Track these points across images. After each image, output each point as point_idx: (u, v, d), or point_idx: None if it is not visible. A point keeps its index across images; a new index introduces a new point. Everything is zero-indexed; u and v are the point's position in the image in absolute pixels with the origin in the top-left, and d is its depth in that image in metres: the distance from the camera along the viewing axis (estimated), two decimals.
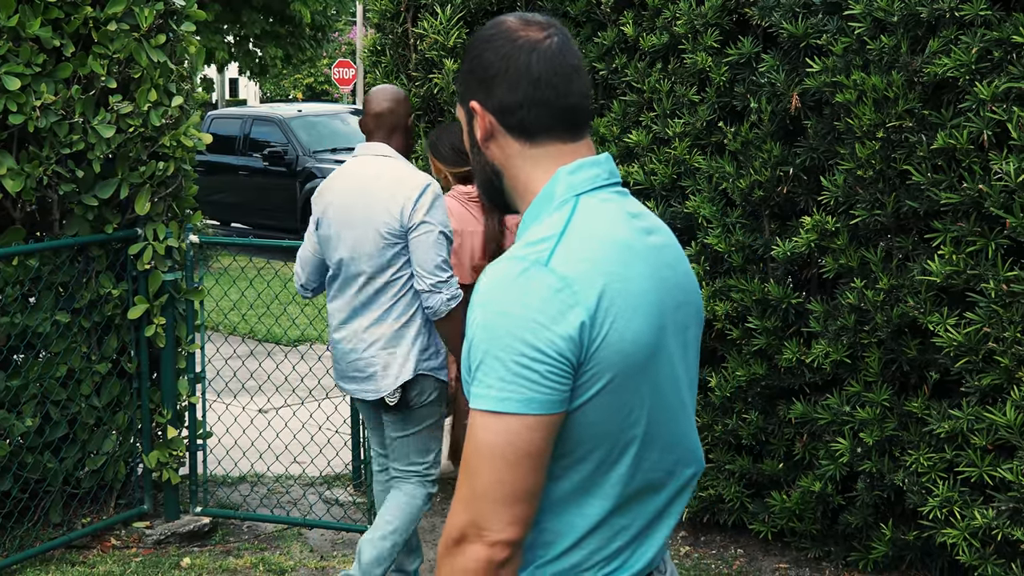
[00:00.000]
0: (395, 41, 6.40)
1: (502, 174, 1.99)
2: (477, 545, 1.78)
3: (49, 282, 5.45)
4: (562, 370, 1.77)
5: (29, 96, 5.19)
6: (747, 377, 5.24)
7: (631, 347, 1.82)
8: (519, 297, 1.78)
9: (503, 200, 2.03)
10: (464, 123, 2.04)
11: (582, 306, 1.78)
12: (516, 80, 1.94)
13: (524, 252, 1.83)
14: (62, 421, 5.54)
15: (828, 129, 4.90)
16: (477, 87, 1.97)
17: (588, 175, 1.94)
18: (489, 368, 1.77)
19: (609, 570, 1.91)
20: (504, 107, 1.95)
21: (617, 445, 1.86)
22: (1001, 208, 4.35)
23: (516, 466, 1.77)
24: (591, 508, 1.88)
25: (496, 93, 1.95)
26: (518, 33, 1.96)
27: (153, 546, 5.65)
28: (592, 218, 1.89)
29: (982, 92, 4.32)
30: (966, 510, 4.60)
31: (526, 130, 1.95)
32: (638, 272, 1.87)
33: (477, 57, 1.97)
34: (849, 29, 4.71)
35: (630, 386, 1.84)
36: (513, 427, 1.76)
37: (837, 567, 5.25)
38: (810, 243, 4.92)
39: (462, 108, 2.04)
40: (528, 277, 1.79)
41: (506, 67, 1.94)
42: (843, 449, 4.93)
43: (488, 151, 1.99)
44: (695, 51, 5.26)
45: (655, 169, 5.44)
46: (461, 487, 1.81)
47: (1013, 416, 4.37)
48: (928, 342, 4.68)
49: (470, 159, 2.06)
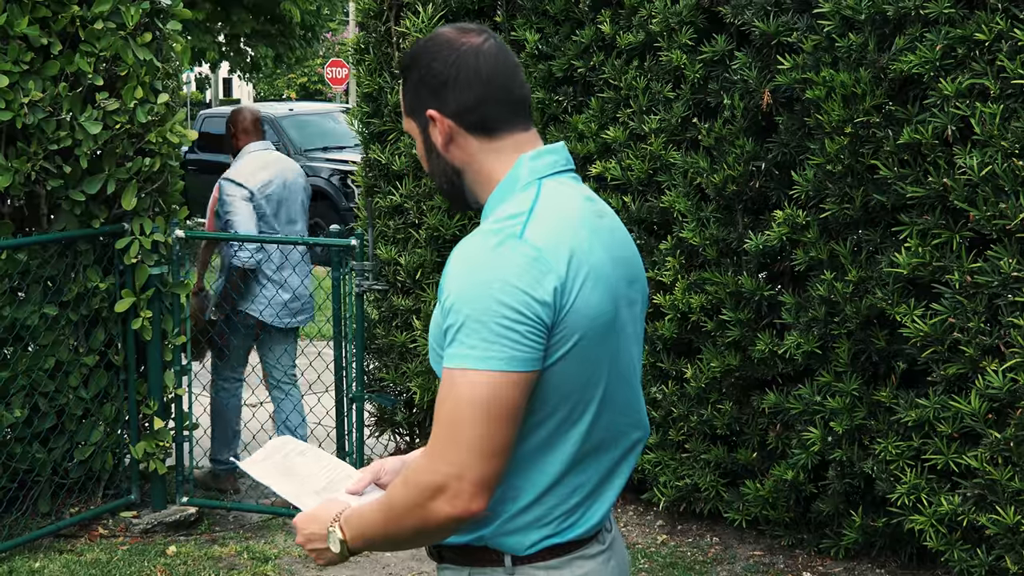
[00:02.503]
0: (378, 39, 6.50)
1: (463, 172, 2.13)
2: (456, 497, 1.92)
3: (37, 276, 5.55)
4: (539, 331, 1.94)
5: (17, 93, 5.29)
6: (721, 368, 5.34)
7: (595, 312, 2.01)
8: (498, 266, 1.94)
9: (463, 197, 2.18)
10: (417, 133, 2.17)
11: (554, 273, 1.96)
12: (468, 82, 2.09)
13: (497, 227, 2.00)
14: (50, 412, 5.64)
15: (799, 125, 5.01)
16: (430, 96, 2.11)
17: (548, 161, 2.11)
18: (471, 330, 1.92)
19: (568, 524, 2.07)
20: (461, 109, 2.09)
21: (579, 404, 2.03)
22: (965, 201, 4.46)
23: (498, 420, 1.92)
24: (552, 465, 2.04)
25: (451, 98, 2.09)
26: (460, 40, 2.11)
27: (140, 535, 5.76)
28: (555, 199, 2.06)
29: (946, 88, 4.43)
30: (933, 497, 4.71)
31: (486, 127, 2.10)
32: (597, 248, 2.05)
33: (426, 68, 2.11)
34: (819, 27, 4.82)
35: (593, 350, 2.01)
36: (497, 383, 1.92)
37: (810, 554, 5.36)
38: (782, 237, 5.03)
39: (413, 120, 2.17)
40: (505, 248, 1.96)
41: (456, 73, 2.09)
42: (814, 438, 5.04)
43: (449, 154, 2.13)
44: (670, 49, 5.37)
45: (632, 165, 5.55)
46: (439, 441, 1.94)
47: (978, 404, 4.48)
48: (896, 333, 4.79)
49: (426, 166, 2.19)
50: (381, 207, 6.47)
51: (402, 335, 6.43)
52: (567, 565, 2.08)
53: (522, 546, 2.06)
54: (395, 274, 6.43)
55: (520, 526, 2.06)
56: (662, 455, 5.65)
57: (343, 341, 5.90)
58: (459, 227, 6.18)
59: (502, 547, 2.07)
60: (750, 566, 5.31)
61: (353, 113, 6.88)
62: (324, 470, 2.34)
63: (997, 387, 4.41)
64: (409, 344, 6.41)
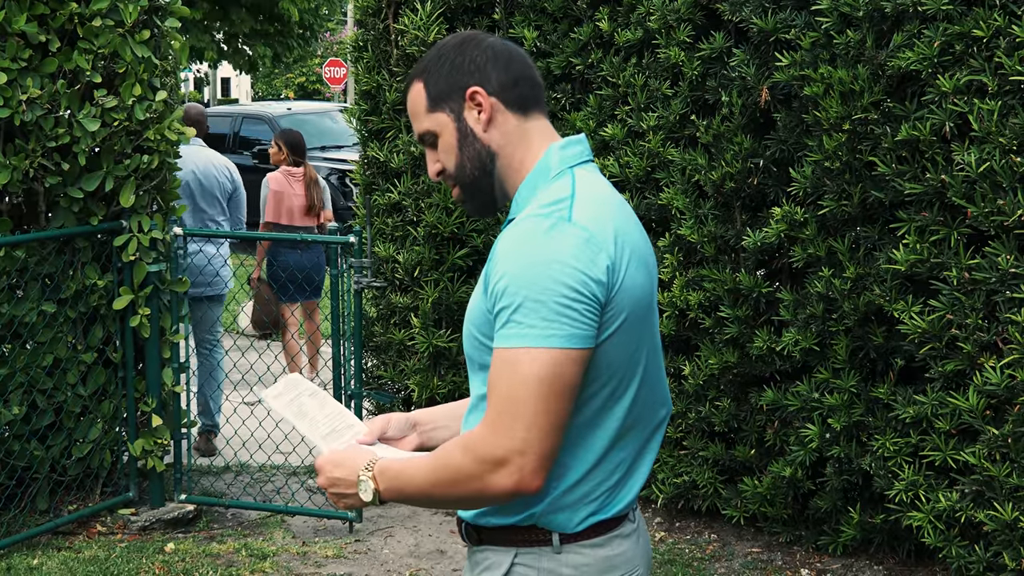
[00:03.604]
0: (377, 37, 6.50)
1: (496, 156, 2.19)
2: (519, 472, 1.98)
3: (35, 273, 5.55)
4: (595, 308, 2.01)
5: (15, 90, 5.29)
6: (719, 365, 5.35)
7: (639, 291, 2.08)
8: (553, 247, 2.01)
9: (490, 190, 2.22)
10: (448, 123, 2.20)
11: (606, 252, 2.03)
12: (506, 61, 2.20)
13: (546, 211, 2.06)
14: (48, 409, 5.64)
15: (797, 122, 5.01)
16: (471, 77, 2.18)
17: (576, 151, 2.20)
18: (529, 310, 1.98)
19: (610, 501, 2.13)
20: (503, 85, 2.18)
21: (624, 381, 2.09)
22: (963, 198, 4.46)
23: (559, 397, 1.99)
24: (598, 441, 2.10)
25: (493, 75, 2.18)
26: (479, 36, 2.23)
27: (138, 532, 5.76)
28: (589, 185, 2.14)
29: (944, 85, 4.44)
30: (931, 493, 4.71)
31: (523, 103, 2.20)
32: (633, 230, 2.14)
33: (459, 57, 2.19)
34: (817, 24, 4.82)
35: (637, 326, 2.09)
36: (560, 360, 1.98)
37: (808, 551, 5.36)
38: (780, 233, 5.03)
39: (441, 110, 2.20)
40: (557, 231, 2.02)
41: (493, 54, 2.20)
42: (812, 435, 5.04)
43: (487, 135, 2.18)
44: (668, 46, 5.37)
45: (630, 162, 5.55)
46: (502, 416, 1.99)
47: (975, 401, 4.49)
48: (894, 329, 4.80)
49: (454, 159, 2.21)
50: (379, 204, 6.47)
51: (400, 332, 6.43)
52: (608, 543, 2.14)
53: (571, 523, 2.11)
54: (393, 272, 6.43)
55: (569, 503, 2.11)
56: (660, 452, 5.66)
57: (341, 338, 5.90)
58: (457, 224, 6.18)
59: (551, 525, 2.11)
60: (748, 563, 5.32)
61: (351, 112, 6.88)
62: (327, 417, 2.38)
63: (995, 383, 4.42)
64: (407, 341, 6.41)
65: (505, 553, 2.14)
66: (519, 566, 2.13)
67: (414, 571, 5.32)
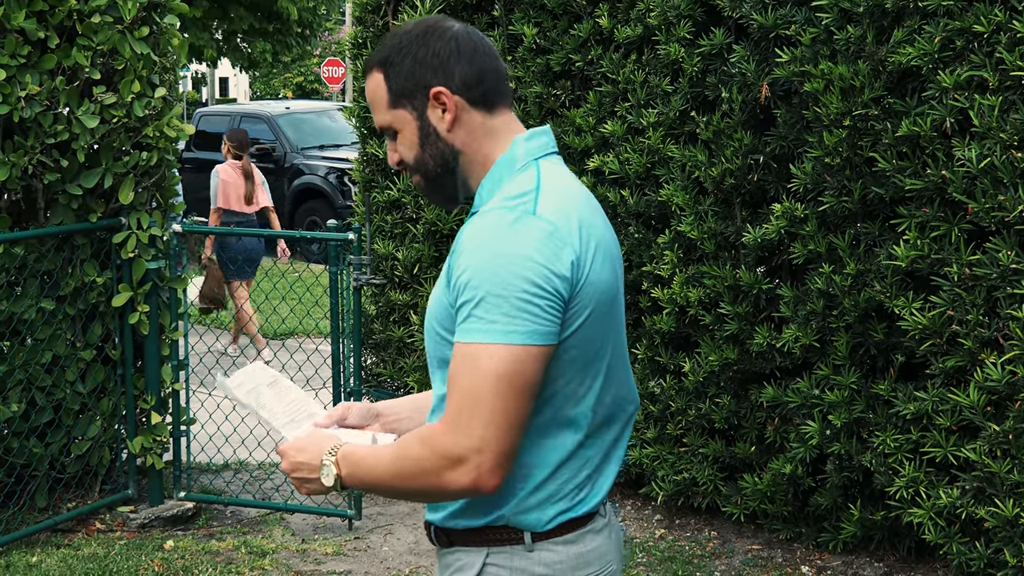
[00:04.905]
0: (376, 34, 6.49)
1: (460, 154, 2.13)
2: (476, 470, 1.94)
3: (34, 270, 5.54)
4: (558, 304, 1.97)
5: (14, 87, 5.28)
6: (720, 362, 5.34)
7: (605, 286, 2.05)
8: (516, 241, 1.96)
9: (452, 185, 2.16)
10: (410, 121, 2.13)
11: (571, 246, 1.99)
12: (471, 55, 2.11)
13: (510, 204, 2.01)
14: (47, 407, 5.63)
15: (797, 118, 5.01)
16: (434, 75, 2.10)
17: (540, 142, 2.14)
18: (491, 305, 1.93)
19: (580, 498, 2.10)
20: (468, 82, 2.10)
21: (587, 377, 2.06)
22: (963, 194, 4.46)
23: (520, 394, 1.95)
24: (565, 439, 2.07)
25: (457, 72, 2.10)
26: (443, 24, 2.14)
27: (137, 530, 5.75)
28: (554, 177, 2.10)
29: (945, 80, 4.43)
30: (931, 490, 4.70)
31: (487, 100, 2.12)
32: (599, 222, 2.10)
33: (422, 49, 2.10)
34: (817, 20, 4.82)
35: (602, 321, 2.06)
36: (521, 357, 1.94)
37: (808, 548, 5.36)
38: (780, 230, 5.02)
39: (404, 108, 2.13)
40: (522, 224, 1.97)
41: (457, 47, 2.11)
42: (813, 432, 5.03)
43: (451, 135, 2.12)
44: (668, 42, 5.36)
45: (630, 158, 5.54)
46: (460, 412, 1.94)
47: (976, 397, 4.48)
48: (894, 326, 4.79)
49: (414, 154, 2.15)
50: (379, 202, 6.47)
51: (399, 330, 6.42)
52: (580, 539, 2.11)
53: (541, 522, 2.08)
54: (392, 269, 6.42)
55: (537, 502, 2.07)
56: (660, 449, 5.65)
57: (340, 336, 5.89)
58: (456, 222, 6.18)
59: (521, 525, 2.08)
60: (748, 560, 5.31)
61: (350, 111, 6.87)
62: (288, 405, 2.37)
63: (996, 379, 4.41)
64: (407, 339, 6.40)
65: (476, 554, 2.11)
66: (491, 566, 2.09)
67: (414, 568, 5.31)
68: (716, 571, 5.21)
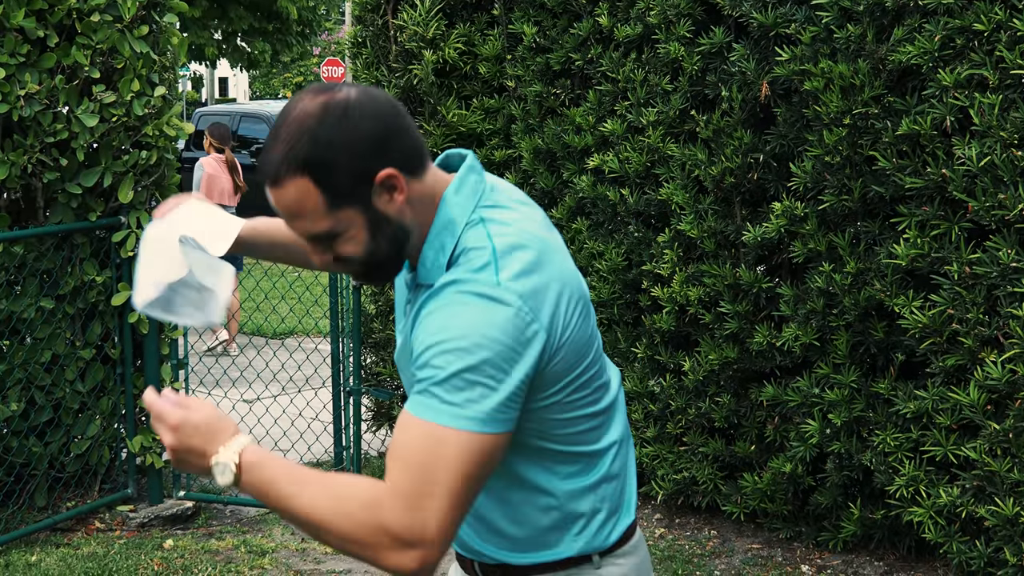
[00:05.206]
0: (375, 33, 6.49)
1: (409, 230, 1.94)
2: (421, 560, 1.80)
3: (34, 269, 5.54)
4: (524, 388, 1.86)
5: (13, 86, 5.28)
6: (719, 361, 5.34)
7: (582, 331, 1.97)
8: (481, 322, 1.83)
9: (398, 264, 1.98)
10: (356, 218, 1.89)
11: (539, 323, 1.86)
12: (395, 122, 1.89)
13: (470, 278, 1.86)
14: (47, 406, 5.62)
15: (797, 116, 5.00)
16: (376, 159, 1.86)
17: (471, 187, 1.97)
18: (453, 387, 1.80)
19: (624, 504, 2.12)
20: (405, 152, 1.90)
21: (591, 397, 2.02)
22: (964, 192, 4.45)
23: (480, 480, 1.84)
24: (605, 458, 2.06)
25: (395, 148, 1.88)
26: (341, 96, 1.88)
27: (136, 529, 5.75)
28: (505, 226, 1.94)
29: (945, 79, 4.43)
30: (931, 489, 4.70)
31: (420, 161, 1.93)
32: (567, 262, 2.00)
33: (348, 135, 1.85)
34: (817, 18, 4.81)
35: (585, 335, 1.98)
36: (488, 446, 1.82)
37: (808, 547, 5.35)
38: (780, 228, 5.02)
39: (349, 207, 1.87)
40: (485, 302, 1.84)
41: (383, 121, 1.88)
42: (813, 430, 5.03)
43: (401, 214, 1.92)
44: (668, 41, 5.36)
45: (629, 157, 5.54)
46: (421, 497, 1.79)
47: (976, 396, 4.48)
48: (894, 324, 4.79)
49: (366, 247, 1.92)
50: None
51: None
52: (636, 546, 2.13)
53: (607, 541, 2.07)
54: None
55: (600, 525, 2.06)
56: (660, 448, 5.64)
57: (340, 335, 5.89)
58: None
59: (592, 550, 2.07)
60: (748, 559, 5.31)
61: None
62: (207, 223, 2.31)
63: (996, 378, 4.41)
64: None
65: None
66: None
67: None
68: (716, 570, 5.21)
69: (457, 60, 6.17)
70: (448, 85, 6.26)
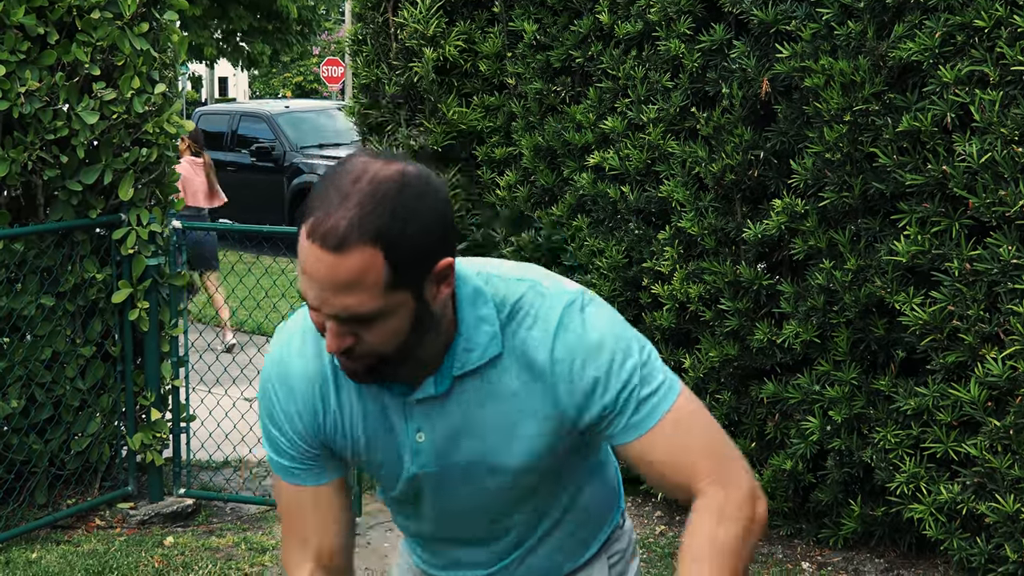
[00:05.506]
0: (376, 30, 6.49)
1: (436, 320, 1.77)
2: (757, 495, 1.86)
3: (34, 266, 5.53)
4: None
5: (13, 83, 5.28)
6: (720, 358, 5.33)
7: None
8: (613, 315, 1.88)
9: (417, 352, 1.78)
10: (408, 302, 1.69)
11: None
12: (452, 214, 1.76)
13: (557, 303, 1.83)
14: (47, 403, 5.62)
15: (797, 113, 5.00)
16: (441, 245, 1.70)
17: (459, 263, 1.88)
18: (653, 365, 1.86)
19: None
20: (455, 248, 1.77)
21: None
22: (964, 189, 4.45)
23: None
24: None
25: (453, 237, 1.76)
26: (416, 172, 1.70)
27: (137, 526, 5.75)
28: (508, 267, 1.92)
29: (945, 75, 4.43)
30: (932, 486, 4.70)
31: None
32: None
33: (424, 212, 1.66)
34: (817, 15, 4.81)
35: None
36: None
37: (808, 544, 5.35)
38: (780, 225, 5.02)
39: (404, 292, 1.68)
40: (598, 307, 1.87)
41: (449, 209, 1.73)
42: (813, 427, 5.03)
43: (440, 305, 1.76)
44: (668, 38, 5.35)
45: (630, 154, 5.54)
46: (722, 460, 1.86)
47: (977, 392, 4.48)
48: (895, 321, 4.78)
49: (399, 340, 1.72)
50: None
51: None
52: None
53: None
54: None
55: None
56: None
57: None
58: (456, 217, 6.17)
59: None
60: None
61: (350, 109, 6.86)
62: None
63: (996, 375, 4.41)
64: None
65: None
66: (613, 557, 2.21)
67: None
68: None
69: (457, 58, 6.17)
70: (448, 83, 6.26)
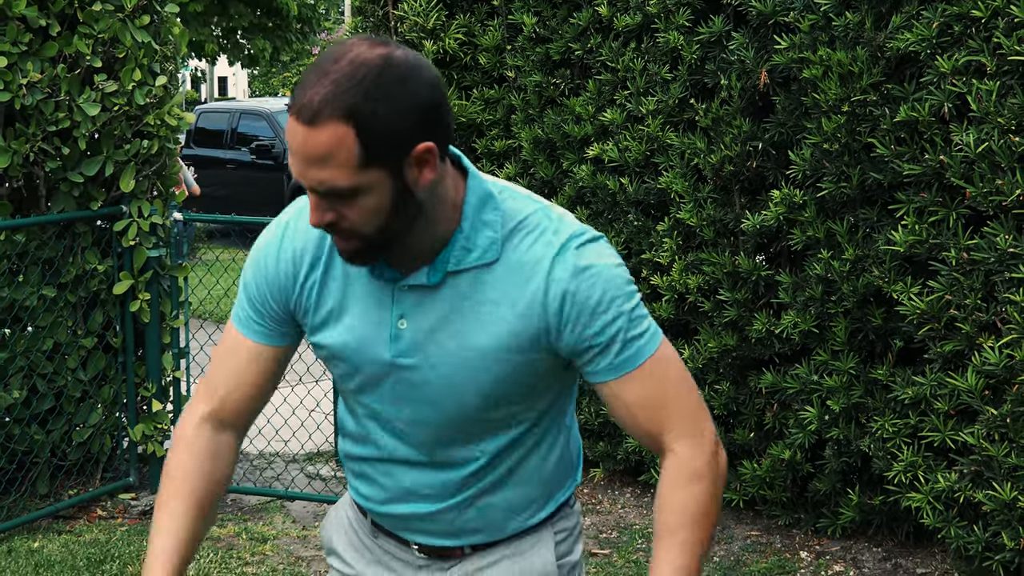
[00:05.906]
0: (376, 24, 6.51)
1: (423, 206, 1.81)
2: (719, 445, 1.99)
3: (36, 257, 5.56)
4: None
5: (15, 74, 5.30)
6: (719, 348, 5.36)
7: None
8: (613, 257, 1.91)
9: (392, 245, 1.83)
10: (384, 181, 1.74)
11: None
12: (443, 103, 1.78)
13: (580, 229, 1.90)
14: (49, 394, 5.64)
15: (795, 104, 5.02)
16: (421, 130, 1.73)
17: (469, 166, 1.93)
18: (640, 310, 1.91)
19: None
20: (444, 136, 1.79)
21: None
22: (961, 178, 4.47)
23: None
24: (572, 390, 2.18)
25: (439, 124, 1.77)
26: (403, 57, 1.74)
27: (138, 516, 5.77)
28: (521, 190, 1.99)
29: (943, 66, 4.45)
30: (930, 474, 4.72)
31: (445, 149, 1.83)
32: None
33: (401, 96, 1.71)
34: (815, 6, 4.83)
35: None
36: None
37: (807, 534, 5.37)
38: (779, 216, 5.04)
39: (379, 170, 1.72)
40: (607, 244, 1.94)
41: (436, 96, 1.76)
42: (811, 417, 5.05)
43: (420, 192, 1.79)
44: (667, 30, 5.38)
45: (629, 146, 5.56)
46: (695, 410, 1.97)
47: (974, 381, 4.49)
48: (892, 311, 4.80)
49: (380, 221, 1.77)
50: None
51: None
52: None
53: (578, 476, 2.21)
54: None
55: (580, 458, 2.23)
56: None
57: None
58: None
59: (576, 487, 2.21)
60: (747, 546, 5.33)
61: None
62: None
63: (994, 364, 4.42)
64: None
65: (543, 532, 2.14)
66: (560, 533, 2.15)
67: None
68: (715, 557, 5.23)
69: (457, 50, 6.19)
70: (448, 75, 6.28)
